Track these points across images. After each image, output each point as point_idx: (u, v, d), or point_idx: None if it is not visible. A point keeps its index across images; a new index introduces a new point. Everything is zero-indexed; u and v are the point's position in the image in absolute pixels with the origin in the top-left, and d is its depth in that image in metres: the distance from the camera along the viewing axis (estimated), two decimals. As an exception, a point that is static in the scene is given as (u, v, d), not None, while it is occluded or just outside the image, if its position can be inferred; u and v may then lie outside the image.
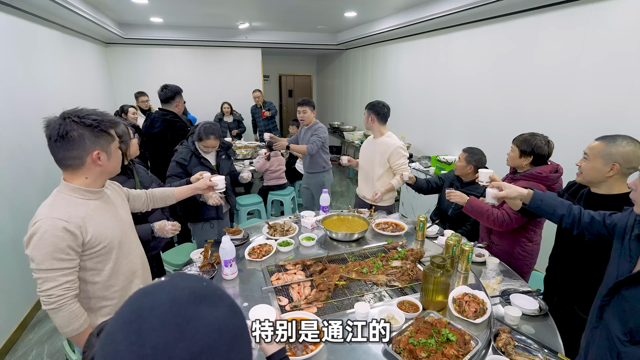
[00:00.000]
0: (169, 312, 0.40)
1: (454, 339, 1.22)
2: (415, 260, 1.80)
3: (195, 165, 2.34)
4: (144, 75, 6.28)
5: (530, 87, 3.09)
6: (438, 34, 4.32)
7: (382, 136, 2.68)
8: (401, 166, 2.62)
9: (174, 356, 0.37)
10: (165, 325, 0.39)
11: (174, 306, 0.41)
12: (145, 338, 0.38)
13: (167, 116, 2.86)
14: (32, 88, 3.07)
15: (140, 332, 0.38)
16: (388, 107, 2.66)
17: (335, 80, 8.24)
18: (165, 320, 0.39)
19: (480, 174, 1.72)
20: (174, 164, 2.31)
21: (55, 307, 1.08)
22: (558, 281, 1.61)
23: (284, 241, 1.99)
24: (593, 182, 1.40)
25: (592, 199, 1.42)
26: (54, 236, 1.06)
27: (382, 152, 2.63)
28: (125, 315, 0.41)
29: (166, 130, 2.83)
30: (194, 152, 2.35)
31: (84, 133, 1.09)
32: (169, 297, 0.42)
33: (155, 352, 0.37)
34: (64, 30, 4.04)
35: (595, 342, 1.11)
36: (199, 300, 0.42)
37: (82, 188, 1.16)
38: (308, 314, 1.34)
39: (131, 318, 0.40)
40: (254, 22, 5.62)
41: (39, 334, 2.56)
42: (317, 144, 3.28)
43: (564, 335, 1.35)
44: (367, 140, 2.87)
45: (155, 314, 0.40)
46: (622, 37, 2.36)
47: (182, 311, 0.40)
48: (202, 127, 2.32)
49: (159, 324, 0.39)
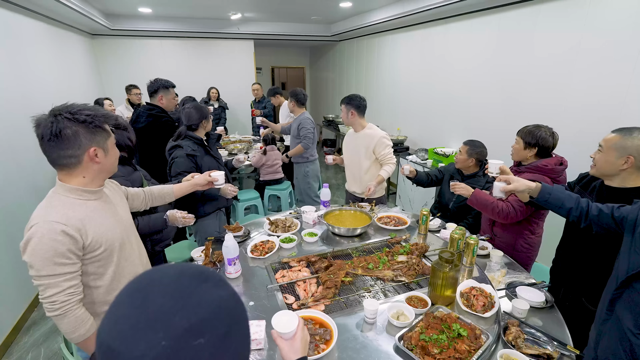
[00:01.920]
0: (174, 283, 0.43)
1: (465, 334, 1.21)
2: (421, 254, 1.79)
3: (203, 155, 2.26)
4: (133, 68, 6.10)
5: (529, 77, 3.08)
6: (435, 24, 4.27)
7: (364, 129, 2.66)
8: (387, 156, 2.61)
9: (173, 322, 0.39)
10: (169, 293, 0.42)
11: (181, 278, 0.44)
12: (149, 303, 0.41)
13: (153, 111, 2.72)
14: (17, 82, 2.95)
15: (145, 298, 0.41)
16: (364, 98, 2.64)
17: (329, 73, 8.15)
18: (169, 290, 0.42)
19: (490, 164, 1.70)
20: (182, 159, 2.15)
21: (60, 313, 1.03)
22: (565, 273, 1.62)
23: (287, 237, 1.96)
24: (606, 174, 1.39)
25: (605, 191, 1.42)
26: (52, 240, 1.00)
27: (366, 144, 2.62)
28: (135, 284, 0.44)
29: (151, 126, 2.70)
30: (200, 142, 2.26)
31: (79, 130, 1.04)
32: (176, 271, 0.45)
33: (156, 317, 0.40)
34: (48, 21, 3.88)
35: (606, 335, 1.11)
36: (205, 279, 0.45)
37: (79, 188, 1.10)
38: (317, 313, 1.32)
39: (139, 287, 0.43)
40: (246, 12, 5.49)
41: (34, 336, 2.50)
42: (310, 137, 3.50)
43: (570, 327, 1.36)
44: (348, 135, 2.84)
45: (163, 283, 0.43)
46: (621, 27, 2.35)
47: (186, 283, 0.43)
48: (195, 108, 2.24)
49: (163, 291, 0.42)
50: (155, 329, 0.39)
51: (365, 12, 5.25)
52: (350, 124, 2.71)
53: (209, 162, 2.27)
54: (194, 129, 2.27)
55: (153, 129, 2.71)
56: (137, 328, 0.39)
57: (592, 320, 1.34)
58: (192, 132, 2.26)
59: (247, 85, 6.86)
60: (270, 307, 1.42)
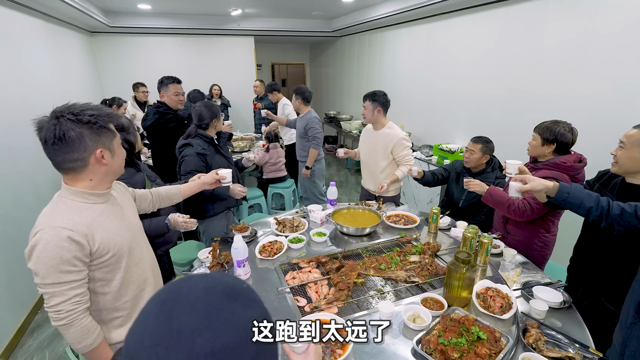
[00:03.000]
0: (202, 299, 0.40)
1: (485, 337, 1.18)
2: (433, 254, 1.75)
3: (214, 154, 2.22)
4: (132, 66, 6.03)
5: (536, 71, 3.03)
6: (438, 19, 4.21)
7: (384, 127, 2.59)
8: (405, 157, 2.55)
9: (196, 343, 0.37)
10: (195, 310, 0.39)
11: (209, 294, 0.41)
12: (174, 319, 0.38)
13: (160, 108, 2.74)
14: (14, 81, 2.88)
15: (171, 313, 0.39)
16: (387, 95, 2.57)
17: (329, 69, 8.07)
18: (196, 306, 0.40)
19: (509, 165, 1.64)
20: (192, 158, 2.11)
21: (65, 322, 0.99)
22: (584, 272, 1.58)
23: (295, 237, 1.92)
24: (631, 172, 1.35)
25: (627, 189, 1.37)
26: (57, 247, 0.96)
27: (385, 144, 2.56)
28: (162, 295, 0.42)
29: (157, 123, 2.71)
30: (211, 141, 2.22)
31: (83, 132, 0.99)
32: (205, 285, 0.42)
33: (179, 335, 0.37)
34: (46, 18, 3.81)
35: (635, 338, 1.08)
36: (235, 296, 0.42)
37: (86, 191, 1.05)
38: (331, 316, 1.28)
39: (166, 298, 0.41)
40: (246, 8, 5.42)
41: (39, 339, 2.46)
42: (319, 137, 3.46)
43: (590, 328, 1.32)
44: (366, 131, 2.77)
45: (189, 298, 0.40)
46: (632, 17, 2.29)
47: (214, 300, 0.41)
48: (206, 106, 2.20)
49: (189, 307, 0.39)
50: (177, 349, 0.37)
51: (368, 7, 5.18)
52: (373, 122, 2.63)
53: (220, 161, 2.23)
54: (204, 127, 2.23)
55: (159, 125, 2.73)
56: (160, 346, 0.37)
57: (613, 320, 1.30)
58: (202, 131, 2.22)
59: (248, 82, 6.79)
60: (281, 310, 1.39)
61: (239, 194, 2.16)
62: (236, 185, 2.16)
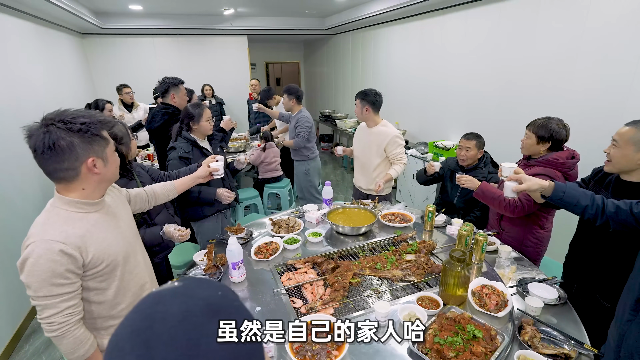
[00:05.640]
0: (180, 326, 0.37)
1: (480, 335, 1.18)
2: (428, 252, 1.75)
3: (198, 158, 2.20)
4: (125, 67, 5.97)
5: (529, 67, 3.04)
6: (432, 15, 4.20)
7: (377, 125, 2.59)
8: (398, 155, 2.55)
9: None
10: (176, 341, 0.36)
11: (187, 319, 0.37)
12: (154, 351, 0.35)
13: (168, 110, 2.70)
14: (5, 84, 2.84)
15: (149, 345, 0.35)
16: (380, 94, 2.56)
17: (323, 67, 8.05)
18: (177, 335, 0.36)
19: (504, 168, 1.63)
20: (176, 161, 2.12)
21: (58, 334, 0.98)
22: (579, 269, 1.59)
23: (291, 238, 1.91)
24: (624, 169, 1.35)
25: (622, 186, 1.37)
26: (49, 261, 0.94)
27: (378, 142, 2.56)
28: (135, 323, 0.38)
29: (167, 124, 2.66)
30: (194, 142, 2.20)
31: (74, 140, 0.96)
32: (181, 308, 0.38)
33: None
34: (36, 20, 3.76)
35: (632, 335, 1.08)
36: (214, 313, 0.39)
37: (79, 201, 1.03)
38: (326, 316, 1.28)
39: (140, 327, 0.37)
40: (239, 7, 5.37)
41: (35, 345, 2.44)
42: (303, 136, 3.45)
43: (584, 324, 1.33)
44: (360, 129, 2.77)
45: (166, 326, 0.36)
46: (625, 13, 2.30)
47: (194, 326, 0.37)
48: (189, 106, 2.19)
49: (169, 338, 0.35)
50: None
51: (361, 4, 5.16)
52: (364, 120, 2.64)
53: None
54: (187, 129, 2.21)
55: (169, 126, 2.65)
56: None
57: (607, 316, 1.31)
58: (186, 133, 2.21)
59: (242, 82, 6.75)
60: (277, 311, 1.38)
61: (225, 198, 2.15)
62: (222, 190, 2.15)
